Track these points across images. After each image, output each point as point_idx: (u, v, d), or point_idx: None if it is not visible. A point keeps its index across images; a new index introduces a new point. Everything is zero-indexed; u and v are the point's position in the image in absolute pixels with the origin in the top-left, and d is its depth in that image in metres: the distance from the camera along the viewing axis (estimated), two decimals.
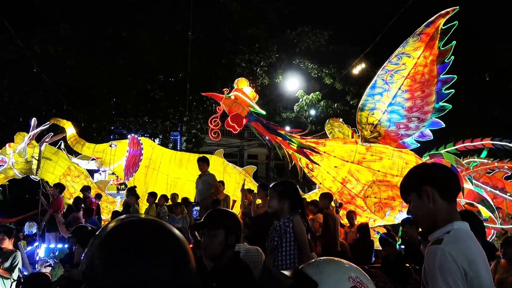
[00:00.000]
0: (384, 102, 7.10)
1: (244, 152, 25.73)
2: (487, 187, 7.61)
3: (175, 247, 0.91)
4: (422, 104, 6.98)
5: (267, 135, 7.32)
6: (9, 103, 15.93)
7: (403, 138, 7.36)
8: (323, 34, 19.14)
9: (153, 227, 0.94)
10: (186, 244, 0.95)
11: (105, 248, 0.88)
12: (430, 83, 6.81)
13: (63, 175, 11.09)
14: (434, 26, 6.40)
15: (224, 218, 2.50)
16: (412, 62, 6.72)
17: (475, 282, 1.50)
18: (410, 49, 6.65)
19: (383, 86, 7.01)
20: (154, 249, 0.87)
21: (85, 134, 13.74)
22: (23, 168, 10.46)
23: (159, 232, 0.92)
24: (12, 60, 15.12)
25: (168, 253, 0.88)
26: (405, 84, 6.90)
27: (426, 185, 1.68)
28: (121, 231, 0.92)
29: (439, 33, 6.43)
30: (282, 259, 3.07)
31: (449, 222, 1.64)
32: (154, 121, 17.53)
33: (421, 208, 1.70)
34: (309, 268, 1.40)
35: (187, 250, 0.93)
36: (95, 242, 0.91)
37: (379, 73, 6.98)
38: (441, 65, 6.66)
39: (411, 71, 6.79)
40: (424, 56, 6.62)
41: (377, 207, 6.90)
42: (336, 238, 6.12)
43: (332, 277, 1.36)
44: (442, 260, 1.50)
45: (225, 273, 2.34)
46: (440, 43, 6.52)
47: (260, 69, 18.10)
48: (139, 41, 16.56)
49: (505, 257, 4.69)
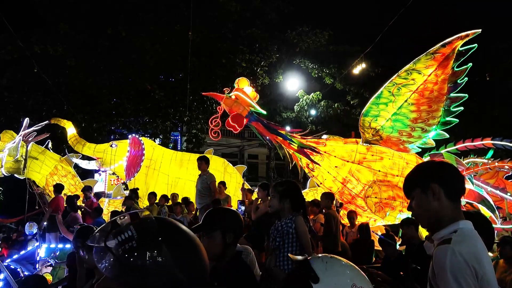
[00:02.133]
0: (388, 111, 6.94)
1: (245, 152, 25.74)
2: (487, 187, 7.61)
3: (195, 241, 1.05)
4: (428, 117, 6.81)
5: (268, 135, 7.32)
6: (9, 103, 15.92)
7: (404, 144, 7.28)
8: (323, 34, 19.14)
9: (170, 223, 1.09)
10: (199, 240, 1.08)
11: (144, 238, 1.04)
12: (438, 100, 6.58)
13: (50, 174, 11.04)
14: (450, 47, 6.08)
15: (219, 217, 2.45)
16: (422, 78, 6.47)
17: (484, 281, 1.50)
18: (422, 66, 6.37)
19: (389, 97, 6.81)
20: (176, 238, 1.01)
21: (86, 134, 13.74)
22: (11, 167, 10.39)
23: (181, 228, 1.07)
24: (12, 60, 15.11)
25: (194, 245, 1.03)
26: (412, 97, 6.69)
27: (433, 182, 1.67)
28: (149, 226, 1.05)
29: (455, 54, 6.12)
30: (284, 260, 3.06)
31: (454, 221, 1.64)
32: (154, 121, 17.53)
33: (424, 204, 1.69)
34: (316, 262, 1.38)
35: (200, 245, 1.08)
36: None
37: (386, 85, 6.75)
38: (452, 85, 6.40)
39: (420, 87, 6.55)
40: (436, 74, 6.36)
41: (378, 207, 6.89)
42: (337, 239, 6.12)
43: (335, 279, 1.34)
44: (452, 260, 1.49)
45: (225, 272, 2.34)
46: (454, 64, 6.21)
47: (260, 69, 18.10)
48: (139, 41, 16.55)
49: (502, 257, 4.68)
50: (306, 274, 1.33)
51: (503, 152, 8.75)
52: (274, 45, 18.64)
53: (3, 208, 15.80)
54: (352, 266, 1.42)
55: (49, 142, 11.43)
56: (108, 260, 0.99)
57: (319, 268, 1.34)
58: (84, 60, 16.13)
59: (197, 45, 15.95)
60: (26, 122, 10.55)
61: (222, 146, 22.37)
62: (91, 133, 15.75)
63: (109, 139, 13.61)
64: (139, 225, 1.00)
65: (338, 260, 1.44)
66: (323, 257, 1.43)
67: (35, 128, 10.68)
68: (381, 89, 6.80)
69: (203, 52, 16.98)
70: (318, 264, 1.36)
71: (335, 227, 6.08)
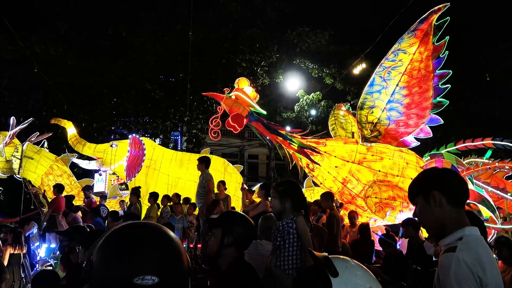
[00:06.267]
0: (382, 99, 7.21)
1: (245, 152, 25.74)
2: (488, 187, 7.60)
3: (165, 247, 1.04)
4: (420, 100, 7.08)
5: (268, 135, 7.31)
6: (9, 103, 15.93)
7: (403, 136, 7.38)
8: (324, 34, 19.15)
9: (146, 229, 1.08)
10: (179, 245, 1.07)
11: (101, 247, 1.03)
12: (426, 78, 6.94)
13: (45, 174, 11.03)
14: (427, 23, 6.61)
15: (226, 218, 2.52)
16: (408, 58, 6.87)
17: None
18: (406, 45, 6.82)
19: (381, 83, 7.15)
20: (144, 248, 1.00)
21: (86, 134, 13.74)
22: (3, 167, 10.40)
23: (151, 233, 1.06)
24: (12, 60, 15.12)
25: (157, 253, 1.01)
26: (403, 80, 7.03)
27: (434, 190, 1.68)
28: (116, 233, 1.06)
29: (432, 29, 6.63)
30: (285, 260, 3.06)
31: (459, 227, 1.63)
32: (154, 121, 17.53)
33: (427, 212, 1.70)
34: (337, 260, 1.40)
35: (178, 250, 1.06)
36: (96, 243, 1.05)
37: (376, 71, 7.15)
38: (436, 60, 6.81)
39: (408, 67, 6.94)
40: (420, 51, 6.79)
41: (378, 207, 6.89)
42: (338, 239, 6.11)
43: (355, 278, 1.35)
44: (457, 269, 1.49)
45: (226, 273, 2.34)
46: (434, 38, 6.70)
47: (260, 69, 18.09)
48: (139, 41, 16.55)
49: (500, 258, 4.66)
50: (327, 268, 1.34)
51: (503, 152, 8.76)
52: (274, 45, 18.63)
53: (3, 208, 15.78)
54: (367, 270, 1.43)
55: (45, 141, 11.43)
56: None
57: (340, 266, 1.35)
58: (84, 60, 16.13)
59: (198, 45, 15.95)
60: (13, 121, 10.57)
61: (222, 146, 22.37)
62: (92, 133, 15.76)
63: (109, 139, 13.61)
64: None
65: (359, 264, 1.45)
66: (344, 258, 1.44)
67: (22, 126, 10.67)
68: (372, 76, 7.13)
69: (204, 52, 16.98)
70: (339, 263, 1.37)
71: (337, 227, 6.07)
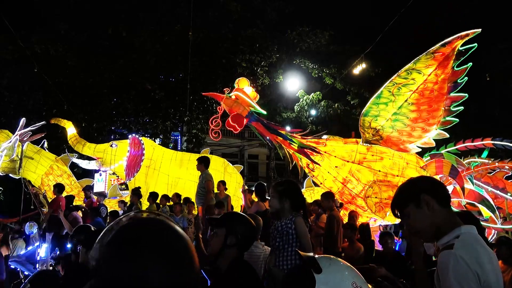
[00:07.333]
0: (388, 111, 6.91)
1: (245, 152, 25.74)
2: (488, 187, 7.60)
3: (177, 244, 0.95)
4: (428, 117, 6.79)
5: (268, 135, 7.31)
6: (9, 103, 15.93)
7: (404, 144, 7.26)
8: (324, 34, 19.14)
9: (157, 224, 0.99)
10: (189, 242, 0.98)
11: (111, 243, 0.94)
12: (438, 100, 6.55)
13: (45, 174, 11.02)
14: (450, 46, 6.04)
15: (230, 219, 2.52)
16: (422, 78, 6.42)
17: (486, 285, 1.52)
18: (422, 66, 6.32)
19: (389, 97, 6.78)
20: (155, 245, 0.92)
21: (86, 134, 13.74)
22: (6, 167, 10.37)
23: (162, 229, 0.97)
24: (13, 60, 15.12)
25: (169, 250, 0.93)
26: (412, 97, 6.64)
27: (424, 194, 1.71)
28: (126, 228, 0.97)
29: (455, 53, 6.08)
30: (284, 260, 3.06)
31: (455, 226, 1.66)
32: (154, 121, 17.53)
33: (421, 217, 1.71)
34: (321, 259, 1.49)
35: (189, 248, 0.97)
36: (103, 239, 0.96)
37: (386, 85, 6.71)
38: (452, 85, 6.38)
39: (420, 87, 6.50)
40: (436, 74, 6.32)
41: (378, 207, 6.88)
42: (338, 239, 6.12)
43: (338, 274, 1.43)
44: (455, 265, 1.51)
45: (226, 273, 2.34)
46: (455, 63, 6.18)
47: (260, 69, 18.09)
48: (139, 41, 16.54)
49: (499, 258, 4.67)
50: (311, 265, 1.41)
51: (503, 152, 8.75)
52: (274, 45, 18.63)
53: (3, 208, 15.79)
54: (352, 268, 1.51)
55: (45, 141, 11.42)
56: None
57: (324, 264, 1.44)
58: (84, 60, 16.13)
59: (198, 45, 15.95)
60: (23, 122, 10.56)
61: (222, 146, 22.36)
62: (91, 133, 15.76)
63: (109, 139, 13.60)
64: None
65: (343, 262, 1.54)
66: (328, 257, 1.53)
67: (32, 128, 10.66)
68: (381, 89, 6.78)
69: (204, 52, 16.98)
70: (324, 261, 1.46)
71: (337, 228, 6.08)
